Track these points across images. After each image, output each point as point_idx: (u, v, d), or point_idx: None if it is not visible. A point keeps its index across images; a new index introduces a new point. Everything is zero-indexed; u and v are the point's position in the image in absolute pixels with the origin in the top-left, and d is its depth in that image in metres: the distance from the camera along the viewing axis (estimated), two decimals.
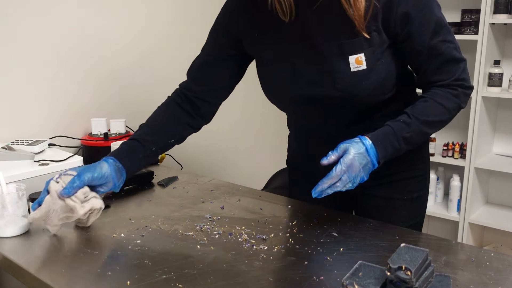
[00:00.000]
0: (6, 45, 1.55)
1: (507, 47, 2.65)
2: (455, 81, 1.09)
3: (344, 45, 1.06)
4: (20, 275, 0.99)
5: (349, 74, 1.07)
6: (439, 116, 1.10)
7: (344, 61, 1.07)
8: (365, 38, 1.05)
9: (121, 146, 1.19)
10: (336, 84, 1.08)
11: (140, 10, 1.94)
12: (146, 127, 1.25)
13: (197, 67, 1.28)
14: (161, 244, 1.07)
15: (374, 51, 1.06)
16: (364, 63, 1.06)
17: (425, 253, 0.82)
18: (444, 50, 1.07)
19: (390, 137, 1.06)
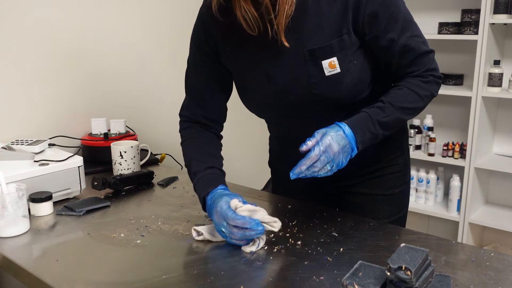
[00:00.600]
0: (6, 45, 1.55)
1: (507, 47, 2.65)
2: (426, 71, 1.11)
3: (316, 51, 1.06)
4: (20, 275, 0.99)
5: (324, 78, 1.07)
6: (412, 103, 1.11)
7: (317, 66, 1.07)
8: (338, 41, 1.05)
9: (210, 175, 1.15)
10: (313, 90, 1.08)
11: (141, 10, 1.94)
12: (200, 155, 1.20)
13: (197, 92, 1.28)
14: (161, 244, 1.07)
15: (346, 54, 1.07)
16: (337, 66, 1.06)
17: (425, 253, 0.82)
18: (414, 45, 1.09)
19: (366, 122, 1.06)
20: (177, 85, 2.13)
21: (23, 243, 1.09)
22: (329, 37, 1.05)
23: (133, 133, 1.77)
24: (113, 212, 1.26)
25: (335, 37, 1.05)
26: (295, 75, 1.09)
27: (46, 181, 1.28)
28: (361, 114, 1.08)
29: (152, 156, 1.71)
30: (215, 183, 1.11)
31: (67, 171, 1.33)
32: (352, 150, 1.05)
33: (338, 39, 1.05)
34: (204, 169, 1.14)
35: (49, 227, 1.17)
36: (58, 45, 1.68)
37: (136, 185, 1.47)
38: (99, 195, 1.37)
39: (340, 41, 1.06)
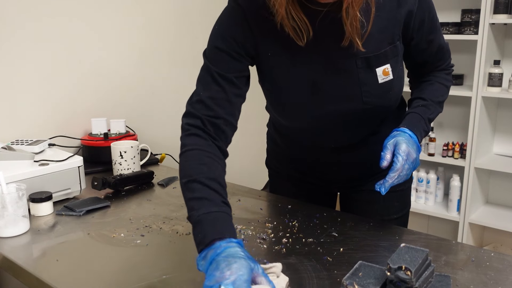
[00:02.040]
0: (6, 45, 1.55)
1: (507, 47, 2.65)
2: (448, 64, 1.21)
3: (371, 59, 1.04)
4: (20, 275, 0.99)
5: (377, 86, 1.06)
6: (444, 95, 1.18)
7: (371, 74, 1.05)
8: (391, 48, 1.06)
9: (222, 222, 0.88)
10: (364, 98, 1.07)
11: (141, 10, 1.94)
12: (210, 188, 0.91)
13: (217, 93, 1.03)
14: (161, 244, 1.07)
15: (397, 60, 1.08)
16: (390, 73, 1.07)
17: (425, 253, 0.82)
18: (442, 42, 1.16)
19: (420, 122, 1.10)
20: (177, 85, 2.14)
21: (23, 243, 1.09)
22: (382, 44, 1.04)
23: (133, 133, 1.77)
24: (113, 212, 1.26)
25: (389, 44, 1.05)
26: (347, 83, 1.06)
27: (46, 181, 1.28)
28: (412, 115, 1.11)
29: (152, 156, 1.71)
30: (229, 230, 0.85)
31: (67, 171, 1.33)
32: (419, 150, 1.08)
33: (392, 46, 1.06)
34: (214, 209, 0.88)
35: (49, 227, 1.17)
36: (58, 45, 1.68)
37: (136, 185, 1.47)
38: (99, 195, 1.37)
39: (394, 48, 1.06)
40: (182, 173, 0.93)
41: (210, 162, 0.94)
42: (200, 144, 0.97)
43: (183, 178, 0.92)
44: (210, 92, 1.02)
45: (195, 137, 0.98)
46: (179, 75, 2.14)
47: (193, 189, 0.89)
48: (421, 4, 1.06)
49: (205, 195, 0.88)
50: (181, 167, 0.95)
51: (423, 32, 1.09)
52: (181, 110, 1.12)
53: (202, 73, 1.06)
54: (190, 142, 0.97)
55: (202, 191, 0.88)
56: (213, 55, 1.05)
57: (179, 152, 0.98)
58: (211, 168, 0.93)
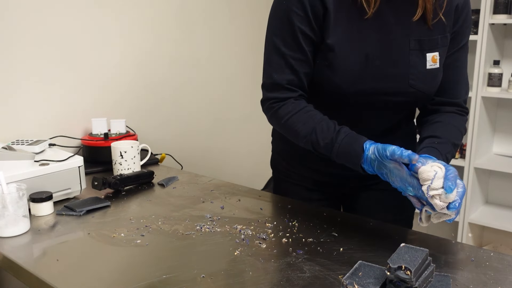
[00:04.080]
0: (6, 45, 1.55)
1: (506, 47, 2.65)
2: (464, 102, 1.18)
3: (424, 42, 1.07)
4: (20, 275, 0.99)
5: (424, 71, 1.08)
6: (458, 140, 1.13)
7: (421, 58, 1.08)
8: (441, 37, 1.09)
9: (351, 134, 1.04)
10: (410, 80, 1.08)
11: (141, 10, 1.94)
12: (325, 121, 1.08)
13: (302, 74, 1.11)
14: (161, 244, 1.07)
15: (445, 51, 1.11)
16: (438, 61, 1.09)
17: (425, 253, 0.82)
18: (465, 70, 1.17)
19: (440, 158, 1.03)
20: (177, 85, 2.14)
21: (23, 243, 1.09)
22: (436, 31, 1.08)
23: (133, 133, 1.77)
24: (113, 212, 1.26)
25: (441, 33, 1.08)
26: (396, 62, 1.08)
27: (46, 181, 1.28)
28: (429, 150, 1.05)
29: (152, 156, 1.71)
30: (359, 146, 1.00)
31: (67, 171, 1.33)
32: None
33: (443, 35, 1.09)
34: (335, 137, 1.03)
35: (49, 227, 1.17)
36: (59, 46, 1.68)
37: (136, 185, 1.47)
38: (99, 195, 1.37)
39: (444, 38, 1.09)
40: (296, 135, 1.10)
41: (316, 114, 1.10)
42: (294, 107, 1.11)
43: (301, 139, 1.09)
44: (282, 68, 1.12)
45: (285, 106, 1.12)
46: (179, 75, 2.14)
47: (317, 140, 1.06)
48: (466, 5, 1.10)
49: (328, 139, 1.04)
50: (291, 132, 1.11)
51: (464, 33, 1.12)
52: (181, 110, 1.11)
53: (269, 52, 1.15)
54: (286, 111, 1.11)
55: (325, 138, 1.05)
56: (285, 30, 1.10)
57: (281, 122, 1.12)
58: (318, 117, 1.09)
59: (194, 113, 2.22)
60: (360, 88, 1.08)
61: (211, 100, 2.29)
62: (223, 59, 2.31)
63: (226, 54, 2.31)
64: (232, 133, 2.42)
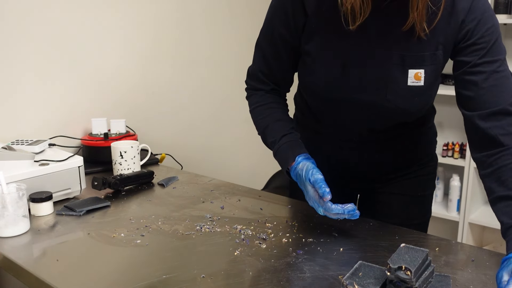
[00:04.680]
0: (6, 45, 1.55)
1: (507, 47, 2.64)
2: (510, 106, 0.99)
3: (407, 57, 1.01)
4: (20, 275, 0.99)
5: (404, 87, 1.03)
6: None
7: (402, 73, 1.02)
8: (431, 54, 1.01)
9: (289, 143, 1.12)
10: (388, 95, 1.04)
11: (141, 11, 1.94)
12: (279, 125, 1.17)
13: (268, 66, 1.18)
14: (161, 244, 1.07)
15: (435, 69, 1.03)
16: (422, 79, 1.02)
17: (425, 253, 0.82)
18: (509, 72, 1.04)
19: None
20: (177, 85, 2.14)
21: (23, 243, 1.09)
22: (426, 48, 1.01)
23: (133, 133, 1.77)
24: (113, 212, 1.26)
25: (431, 50, 1.01)
26: (375, 75, 1.04)
27: (46, 181, 1.28)
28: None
29: (152, 156, 1.71)
30: (292, 155, 1.09)
31: (67, 171, 1.33)
32: None
33: (432, 53, 1.01)
34: (280, 138, 1.13)
35: (49, 227, 1.17)
36: (58, 45, 1.68)
37: (136, 185, 1.47)
38: (99, 195, 1.37)
39: (433, 56, 1.01)
40: (256, 127, 1.21)
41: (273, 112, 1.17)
42: (259, 100, 1.20)
43: (258, 130, 1.21)
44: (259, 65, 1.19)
45: (254, 96, 1.21)
46: (180, 75, 2.14)
47: (265, 136, 1.17)
48: (475, 15, 0.97)
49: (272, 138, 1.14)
50: (253, 122, 1.21)
51: (478, 50, 0.98)
52: (181, 110, 1.13)
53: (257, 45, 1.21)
54: (253, 101, 1.21)
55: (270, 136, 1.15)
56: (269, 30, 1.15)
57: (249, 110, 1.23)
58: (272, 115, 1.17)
59: (194, 113, 2.22)
60: (337, 96, 1.09)
61: (211, 100, 2.29)
62: (223, 59, 2.31)
63: (226, 54, 2.31)
64: (232, 133, 2.42)
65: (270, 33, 1.13)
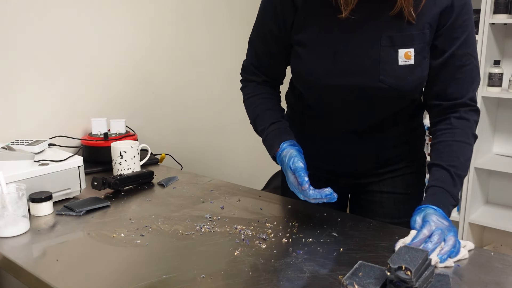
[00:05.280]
0: (6, 45, 1.55)
1: (507, 47, 2.65)
2: (469, 100, 1.12)
3: (396, 38, 1.06)
4: (20, 275, 0.99)
5: (396, 66, 1.07)
6: (467, 154, 1.11)
7: (393, 53, 1.06)
8: (418, 33, 1.06)
9: (275, 131, 1.19)
10: (381, 76, 1.07)
11: (141, 10, 1.94)
12: (268, 113, 1.23)
13: (259, 60, 1.25)
14: (161, 244, 1.07)
15: (423, 48, 1.07)
16: (412, 58, 1.07)
17: (425, 253, 0.82)
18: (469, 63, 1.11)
19: (446, 197, 1.06)
20: (177, 85, 2.14)
21: (23, 243, 1.09)
22: (413, 27, 1.06)
23: (133, 133, 1.77)
24: (113, 212, 1.26)
25: (419, 29, 1.06)
26: (366, 58, 1.08)
27: (46, 181, 1.28)
28: (435, 190, 1.07)
29: (152, 156, 1.71)
30: (278, 141, 1.16)
31: (67, 171, 1.33)
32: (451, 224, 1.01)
33: (421, 32, 1.06)
34: (268, 126, 1.20)
35: (49, 227, 1.17)
36: (58, 45, 1.68)
37: (136, 185, 1.47)
38: (99, 195, 1.37)
39: (421, 34, 1.06)
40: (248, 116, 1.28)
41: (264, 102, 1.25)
42: (252, 91, 1.27)
43: (250, 120, 1.27)
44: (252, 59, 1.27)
45: (247, 87, 1.29)
46: (179, 75, 2.14)
47: (256, 124, 1.25)
48: (458, 3, 1.06)
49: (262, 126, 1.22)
50: (246, 112, 1.28)
51: (451, 36, 1.07)
52: (181, 110, 1.13)
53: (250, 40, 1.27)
54: (246, 92, 1.28)
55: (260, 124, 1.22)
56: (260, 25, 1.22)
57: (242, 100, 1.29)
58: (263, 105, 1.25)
59: (194, 113, 2.22)
60: (330, 83, 1.11)
61: (211, 100, 2.29)
62: (223, 59, 2.31)
63: (226, 54, 2.31)
64: (232, 133, 2.42)
65: (261, 30, 1.20)
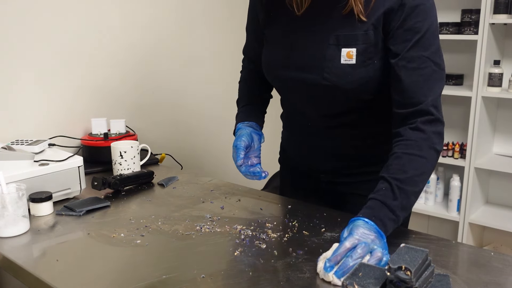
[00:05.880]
0: (6, 45, 1.55)
1: (507, 47, 2.65)
2: (425, 106, 1.04)
3: (341, 37, 1.09)
4: (20, 275, 0.99)
5: (338, 65, 1.10)
6: (418, 169, 1.02)
7: (337, 52, 1.10)
8: (362, 34, 1.08)
9: (241, 113, 1.36)
10: (325, 73, 1.11)
11: (141, 10, 1.94)
12: (245, 96, 1.40)
13: (249, 50, 1.41)
14: (161, 244, 1.07)
15: (366, 49, 1.08)
16: (354, 57, 1.09)
17: (425, 253, 0.82)
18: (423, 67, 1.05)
19: (382, 210, 0.99)
20: (177, 85, 2.14)
21: (23, 243, 1.09)
22: (359, 28, 1.08)
23: (133, 133, 1.77)
24: (113, 212, 1.26)
25: (364, 30, 1.08)
26: (314, 54, 1.13)
27: (46, 181, 1.28)
28: (373, 203, 1.01)
29: (152, 156, 1.71)
30: (238, 121, 1.35)
31: (67, 171, 1.33)
32: (382, 236, 0.96)
33: (364, 32, 1.08)
34: (241, 107, 1.37)
35: (49, 227, 1.17)
36: (58, 45, 1.68)
37: (136, 185, 1.47)
38: (99, 195, 1.37)
39: (365, 35, 1.08)
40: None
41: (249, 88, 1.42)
42: (244, 76, 1.44)
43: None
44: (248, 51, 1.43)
45: (243, 71, 1.45)
46: (179, 75, 2.14)
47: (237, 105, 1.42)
48: (409, 5, 1.03)
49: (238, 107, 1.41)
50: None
51: (402, 39, 1.04)
52: (181, 110, 1.14)
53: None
54: (241, 76, 1.45)
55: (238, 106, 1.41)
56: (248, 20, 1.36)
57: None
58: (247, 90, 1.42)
59: (194, 113, 2.22)
60: (284, 77, 1.19)
61: (211, 99, 2.29)
62: (223, 59, 2.31)
63: (226, 54, 2.31)
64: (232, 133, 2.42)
65: (248, 20, 1.34)
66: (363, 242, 0.92)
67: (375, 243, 0.93)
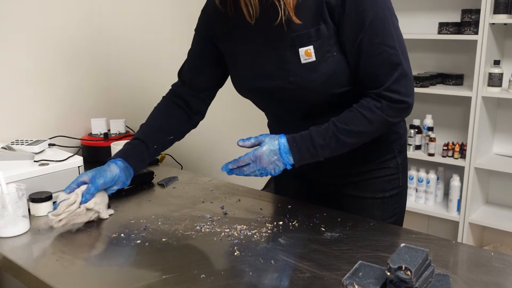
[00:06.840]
0: (6, 45, 1.55)
1: (507, 47, 2.65)
2: (385, 91, 1.06)
3: (295, 38, 1.09)
4: (20, 275, 0.99)
5: (300, 66, 1.10)
6: (359, 126, 1.08)
7: (295, 54, 1.10)
8: (315, 30, 1.07)
9: (126, 146, 1.27)
10: (290, 77, 1.11)
11: (141, 10, 1.94)
12: (146, 126, 1.32)
13: (186, 71, 1.36)
14: (161, 244, 1.07)
15: (322, 44, 1.08)
16: (313, 55, 1.08)
17: (425, 253, 0.82)
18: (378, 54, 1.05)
19: (307, 141, 1.09)
20: None
21: (23, 243, 1.09)
22: (307, 25, 1.08)
23: (133, 133, 1.77)
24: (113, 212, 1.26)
25: (312, 26, 1.07)
26: (275, 61, 1.13)
27: (46, 181, 1.28)
28: (306, 132, 1.10)
29: None
30: (116, 156, 1.24)
31: (67, 171, 1.33)
32: (284, 165, 1.10)
33: (315, 28, 1.07)
34: (132, 139, 1.29)
35: (49, 227, 1.16)
36: (58, 45, 1.68)
37: (136, 185, 1.47)
38: None
39: (317, 30, 1.07)
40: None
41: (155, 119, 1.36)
42: (160, 104, 1.41)
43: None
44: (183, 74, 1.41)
45: (163, 100, 1.42)
46: None
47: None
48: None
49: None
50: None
51: (349, 25, 1.04)
52: None
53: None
54: (159, 103, 1.40)
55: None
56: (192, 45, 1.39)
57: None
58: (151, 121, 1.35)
59: None
60: (250, 87, 1.20)
61: None
62: None
63: None
64: (232, 133, 2.42)
65: (194, 39, 1.36)
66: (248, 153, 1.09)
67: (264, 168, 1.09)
